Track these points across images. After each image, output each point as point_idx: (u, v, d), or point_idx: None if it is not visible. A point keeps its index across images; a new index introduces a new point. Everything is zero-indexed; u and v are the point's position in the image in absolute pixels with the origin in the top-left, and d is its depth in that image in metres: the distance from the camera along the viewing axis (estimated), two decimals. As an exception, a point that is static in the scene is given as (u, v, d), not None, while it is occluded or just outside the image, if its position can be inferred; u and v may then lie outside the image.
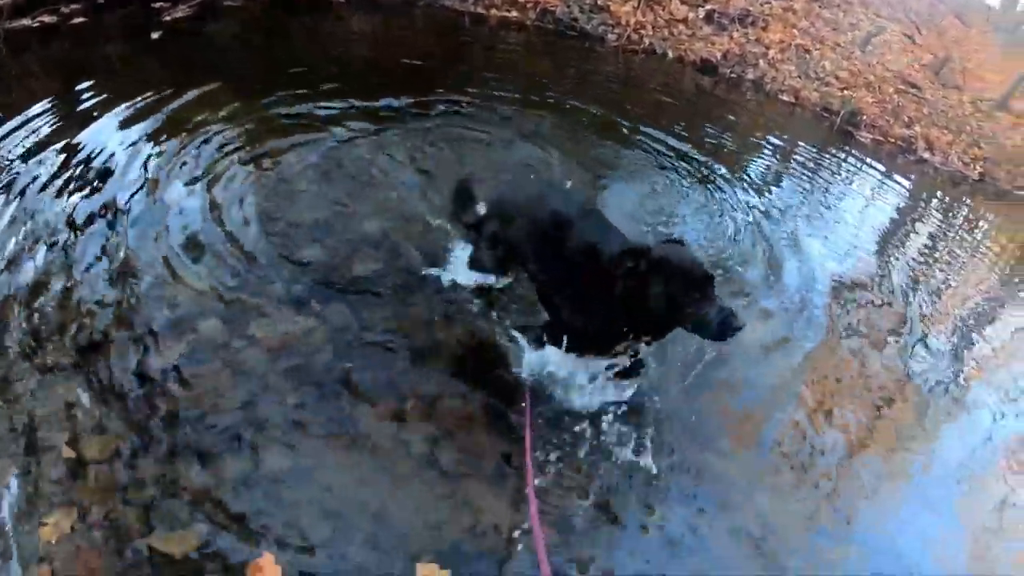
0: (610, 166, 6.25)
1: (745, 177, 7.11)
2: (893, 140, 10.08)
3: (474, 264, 3.98)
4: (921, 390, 5.32)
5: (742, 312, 2.82)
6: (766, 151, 8.15)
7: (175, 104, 5.32)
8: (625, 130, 6.89)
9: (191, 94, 5.48)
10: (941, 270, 7.79)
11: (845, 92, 10.15)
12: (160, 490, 2.59)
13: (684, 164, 6.63)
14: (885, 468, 4.41)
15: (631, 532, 3.07)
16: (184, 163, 4.70)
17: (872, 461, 4.40)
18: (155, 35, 6.30)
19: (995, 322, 7.28)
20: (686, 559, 3.05)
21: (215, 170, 4.68)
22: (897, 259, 7.40)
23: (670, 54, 9.15)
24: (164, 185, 4.43)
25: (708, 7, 10.07)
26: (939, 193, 10.11)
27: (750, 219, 6.26)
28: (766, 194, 6.98)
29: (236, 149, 4.98)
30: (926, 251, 8.09)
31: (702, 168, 6.70)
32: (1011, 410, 5.75)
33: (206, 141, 4.98)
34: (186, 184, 4.49)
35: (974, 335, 6.67)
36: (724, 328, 2.81)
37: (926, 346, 5.91)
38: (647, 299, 2.87)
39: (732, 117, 8.64)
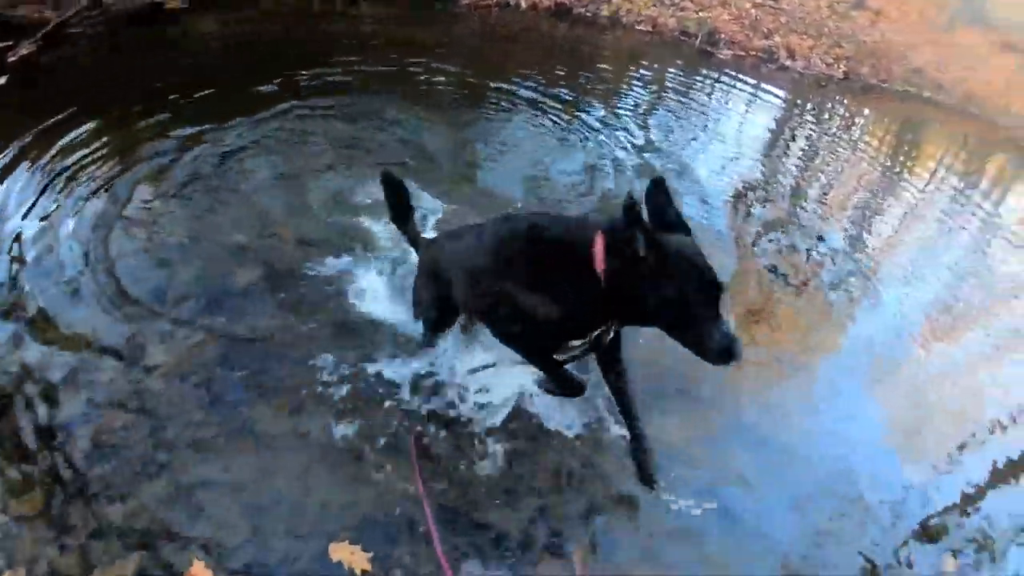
0: (481, 127, 6.24)
1: (618, 114, 7.22)
2: (754, 53, 10.48)
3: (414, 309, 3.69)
4: (824, 287, 5.63)
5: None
6: (634, 84, 8.31)
7: (21, 144, 4.99)
8: (490, 87, 6.87)
9: (43, 130, 5.14)
10: (824, 172, 8.20)
11: (701, 13, 10.45)
12: (91, 530, 2.75)
13: (555, 112, 6.67)
14: (800, 368, 4.67)
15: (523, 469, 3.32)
16: (43, 204, 4.44)
17: (786, 361, 4.66)
18: (1, 80, 5.85)
19: (883, 212, 7.73)
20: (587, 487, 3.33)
21: (74, 207, 4.42)
22: (783, 167, 7.74)
23: (523, 3, 9.17)
24: (23, 233, 4.21)
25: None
26: (811, 96, 10.62)
27: (634, 157, 6.39)
28: (643, 127, 7.12)
29: (92, 179, 4.69)
30: (808, 154, 8.49)
31: (574, 113, 6.78)
32: (910, 292, 6.16)
33: (58, 177, 4.68)
34: (44, 227, 4.24)
35: (864, 228, 7.08)
36: (726, 354, 2.42)
37: (823, 245, 6.25)
38: (647, 301, 2.44)
39: (594, 56, 8.75)
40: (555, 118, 6.51)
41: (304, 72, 6.01)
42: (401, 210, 3.67)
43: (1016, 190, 11.87)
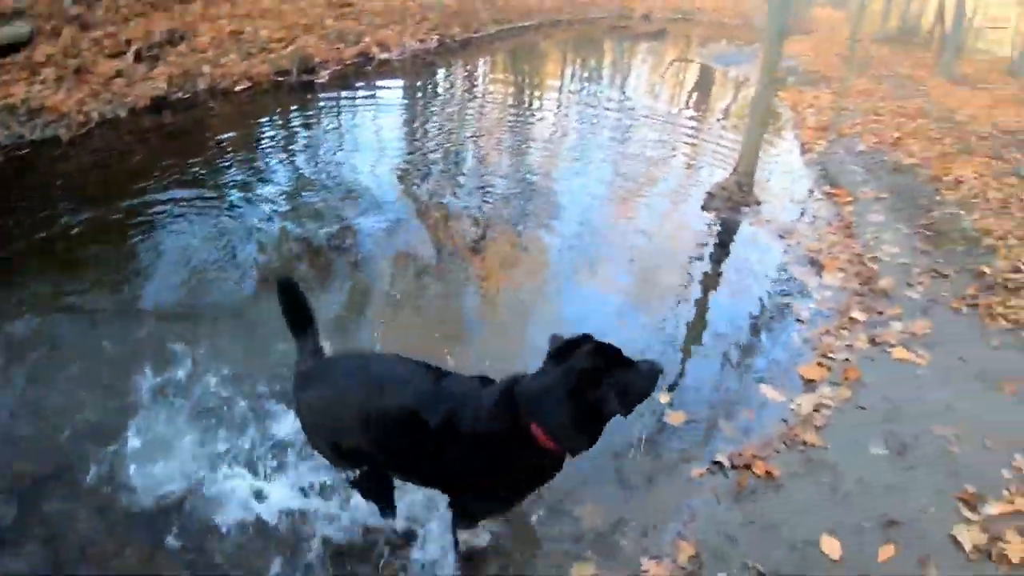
0: (136, 252, 5.86)
1: (260, 175, 7.20)
2: (350, 61, 11.01)
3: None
4: (509, 225, 6.30)
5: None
6: (262, 141, 8.19)
7: None
8: (126, 209, 6.52)
9: None
10: (465, 132, 8.95)
11: (289, 48, 10.72)
12: None
13: (198, 204, 6.42)
14: (527, 297, 5.32)
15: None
16: None
17: (509, 298, 5.30)
18: None
19: (530, 140, 8.62)
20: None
21: None
22: (427, 144, 8.35)
23: (122, 113, 8.73)
24: None
25: (132, 48, 9.68)
26: (421, 74, 11.48)
27: (288, 205, 6.49)
28: (288, 175, 7.26)
29: None
30: (445, 124, 9.20)
31: (214, 201, 6.48)
32: (583, 193, 7.01)
33: None
34: None
35: (521, 161, 7.88)
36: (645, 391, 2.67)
37: (494, 192, 6.90)
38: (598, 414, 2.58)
39: (210, 133, 8.62)
40: (200, 209, 6.35)
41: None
42: (299, 318, 3.15)
43: (631, 72, 13.62)
